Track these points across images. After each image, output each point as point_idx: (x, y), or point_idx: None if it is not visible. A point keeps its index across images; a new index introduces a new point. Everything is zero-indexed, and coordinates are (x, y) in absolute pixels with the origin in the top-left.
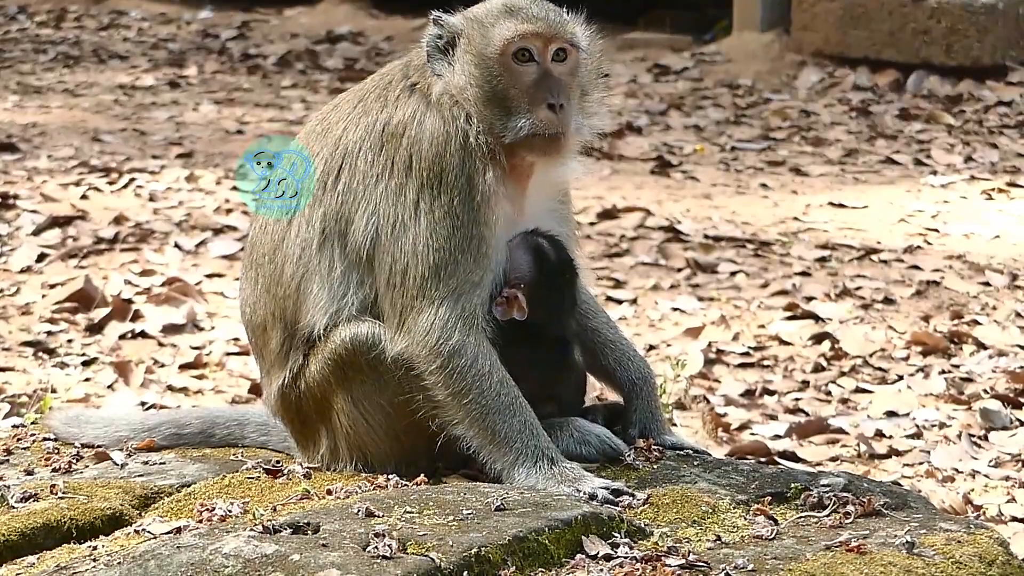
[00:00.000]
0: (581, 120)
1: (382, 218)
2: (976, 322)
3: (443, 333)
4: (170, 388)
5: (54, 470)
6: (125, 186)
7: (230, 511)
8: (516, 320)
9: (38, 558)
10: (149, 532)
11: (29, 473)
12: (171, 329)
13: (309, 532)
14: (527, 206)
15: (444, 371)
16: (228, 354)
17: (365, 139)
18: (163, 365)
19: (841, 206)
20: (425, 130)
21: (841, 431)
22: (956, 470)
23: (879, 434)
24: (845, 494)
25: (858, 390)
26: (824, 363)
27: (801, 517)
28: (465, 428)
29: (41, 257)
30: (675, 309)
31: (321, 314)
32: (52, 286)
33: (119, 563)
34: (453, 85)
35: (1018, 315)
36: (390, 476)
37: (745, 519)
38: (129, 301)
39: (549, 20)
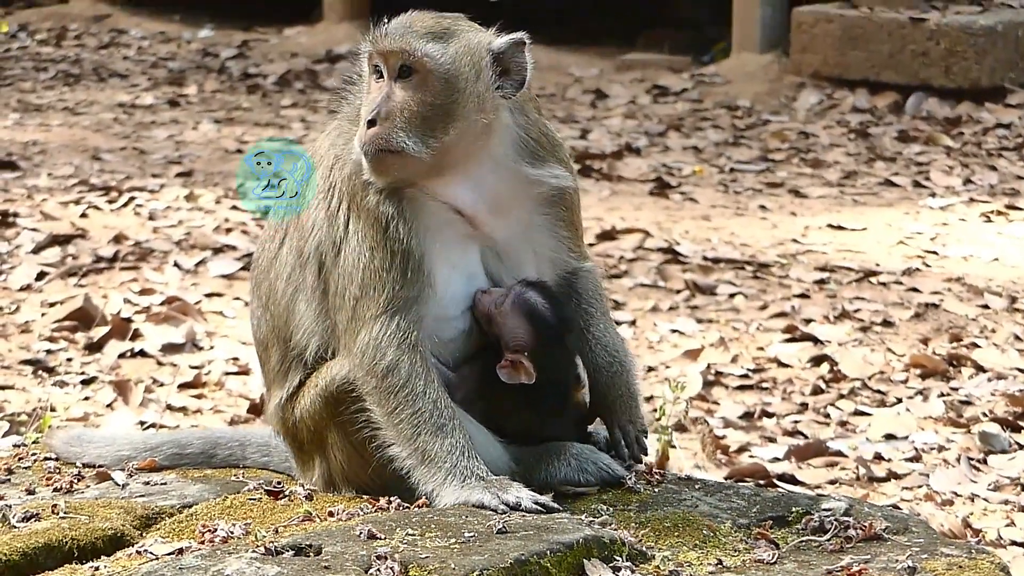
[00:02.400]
0: (420, 140)
1: (324, 239)
2: (975, 345)
3: (377, 352)
4: (169, 407)
5: (55, 490)
6: (125, 205)
7: (232, 532)
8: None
9: None
10: (151, 553)
11: (30, 493)
12: (170, 348)
13: (311, 554)
14: (480, 219)
15: (378, 390)
16: (227, 374)
17: (324, 158)
18: (162, 384)
19: (840, 228)
20: (348, 153)
21: (840, 454)
22: (955, 493)
23: (878, 457)
24: (846, 518)
25: (857, 413)
26: (823, 385)
27: (802, 541)
28: (398, 447)
29: (41, 275)
30: (674, 331)
31: (308, 335)
32: (51, 304)
33: None
34: (349, 103)
35: (1017, 338)
36: (392, 499)
37: (746, 543)
38: (128, 320)
39: (392, 37)
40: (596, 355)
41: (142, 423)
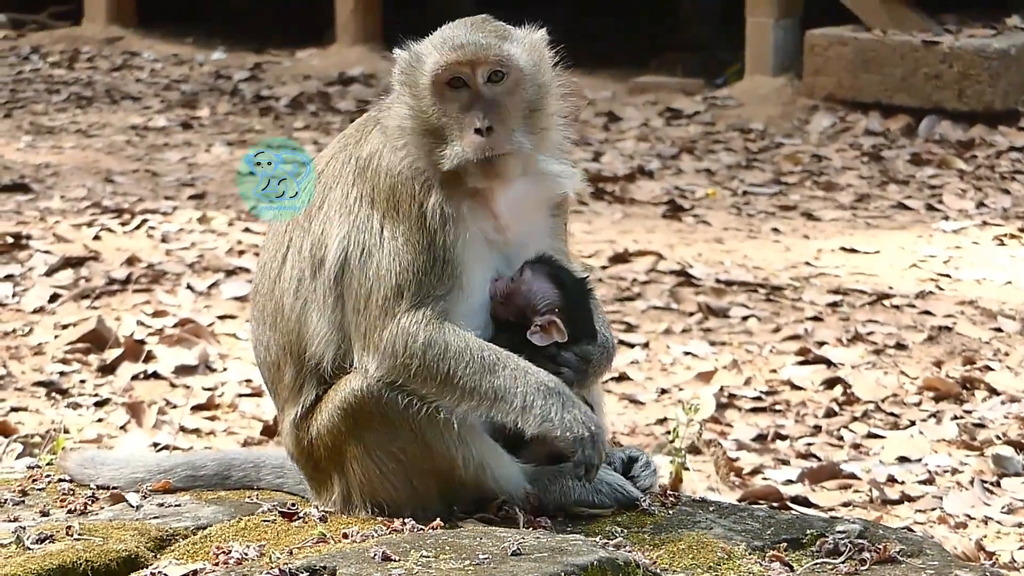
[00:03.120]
0: (527, 138)
1: (351, 245)
2: (988, 368)
3: (408, 338)
4: (183, 429)
5: (69, 511)
6: (138, 227)
7: (246, 554)
8: (556, 343)
9: None
10: (165, 575)
11: (45, 514)
12: (183, 370)
13: None
14: (509, 223)
15: (424, 366)
16: (240, 395)
17: (341, 174)
18: (175, 406)
19: (853, 251)
20: (383, 164)
21: (853, 476)
22: (968, 516)
23: (891, 479)
24: (861, 541)
25: (870, 435)
26: (836, 408)
27: (817, 564)
28: (467, 402)
29: (54, 297)
30: (687, 353)
31: (324, 344)
32: (65, 326)
33: None
34: (399, 116)
35: None
36: (406, 520)
37: (761, 565)
38: (141, 342)
39: (476, 45)
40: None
41: (155, 445)
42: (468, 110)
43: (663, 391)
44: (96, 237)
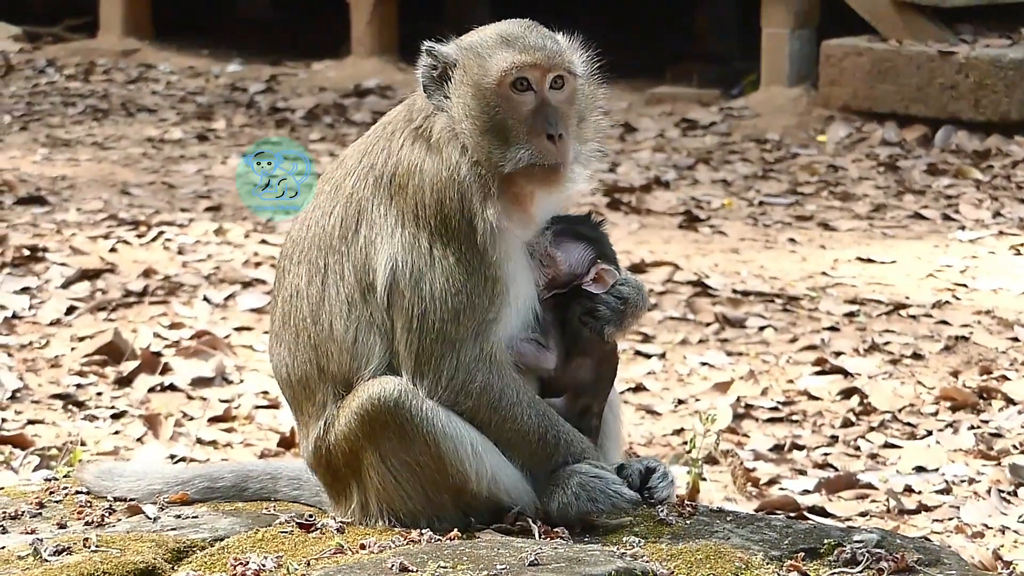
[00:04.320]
0: (579, 146)
1: (400, 265)
2: (1005, 377)
3: (468, 375)
4: (199, 441)
5: (87, 523)
6: (154, 239)
7: (264, 565)
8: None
9: None
10: None
11: (62, 526)
12: (200, 382)
13: None
14: (539, 223)
15: (476, 407)
16: (257, 407)
17: (375, 193)
18: (192, 418)
19: (869, 261)
20: (426, 177)
21: (870, 486)
22: (986, 526)
23: (908, 489)
24: (879, 550)
25: (887, 445)
26: (853, 418)
27: (835, 573)
28: (502, 444)
29: (70, 310)
30: (704, 364)
31: (379, 361)
32: (81, 339)
33: None
34: (451, 118)
35: None
36: (424, 531)
37: (779, 575)
38: (158, 354)
39: (547, 50)
40: None
41: (172, 457)
42: (536, 115)
43: (680, 402)
44: (112, 249)
